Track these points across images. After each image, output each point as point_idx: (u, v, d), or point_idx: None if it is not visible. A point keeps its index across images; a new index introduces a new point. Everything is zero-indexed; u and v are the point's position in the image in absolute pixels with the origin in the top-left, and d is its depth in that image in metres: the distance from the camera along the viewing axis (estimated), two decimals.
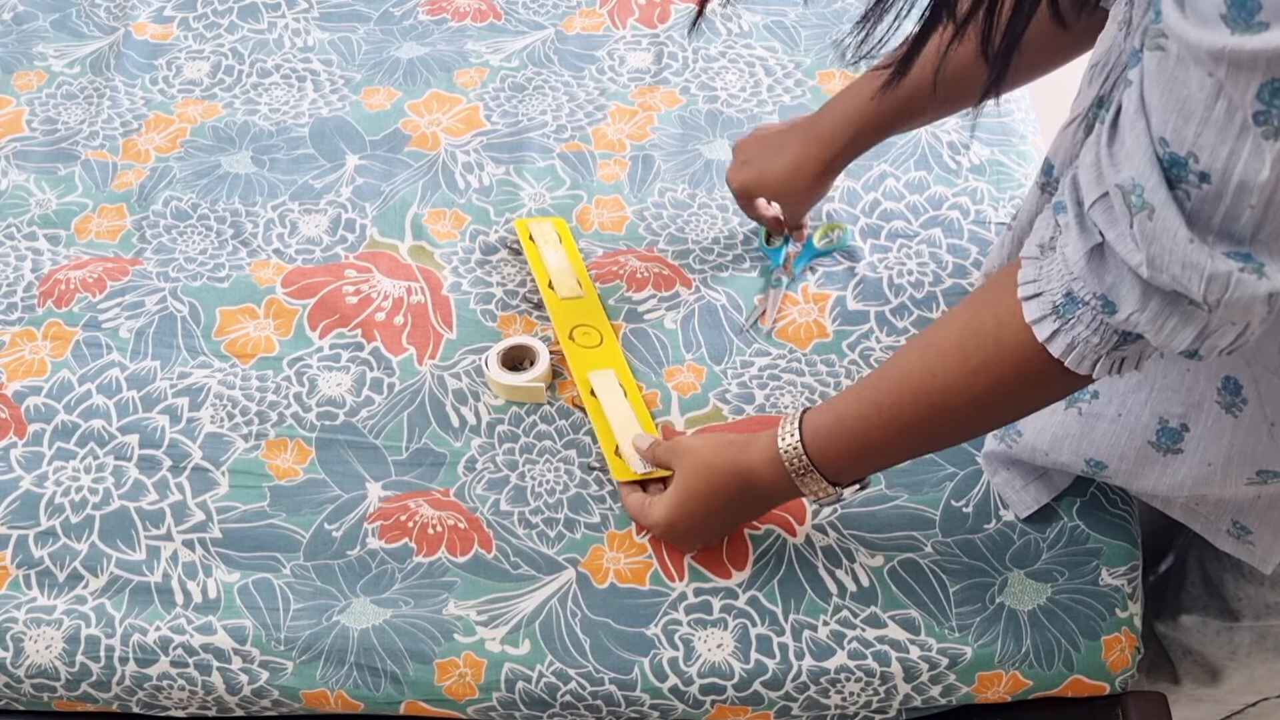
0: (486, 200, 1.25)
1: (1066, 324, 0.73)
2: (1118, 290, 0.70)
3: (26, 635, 0.97)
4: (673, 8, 1.44)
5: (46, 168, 1.29)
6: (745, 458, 0.93)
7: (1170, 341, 0.70)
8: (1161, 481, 0.91)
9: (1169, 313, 0.69)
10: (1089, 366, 0.74)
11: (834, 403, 0.90)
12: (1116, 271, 0.70)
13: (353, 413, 1.09)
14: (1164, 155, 0.64)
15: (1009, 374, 0.78)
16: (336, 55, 1.40)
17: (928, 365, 0.82)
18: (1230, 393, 0.85)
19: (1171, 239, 0.65)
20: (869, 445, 0.88)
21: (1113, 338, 0.73)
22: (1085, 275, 0.71)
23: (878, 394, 0.86)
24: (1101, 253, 0.70)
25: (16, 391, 1.10)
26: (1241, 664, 1.10)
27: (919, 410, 0.83)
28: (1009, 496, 1.01)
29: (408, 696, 0.96)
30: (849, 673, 0.95)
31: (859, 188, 1.24)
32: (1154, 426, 0.89)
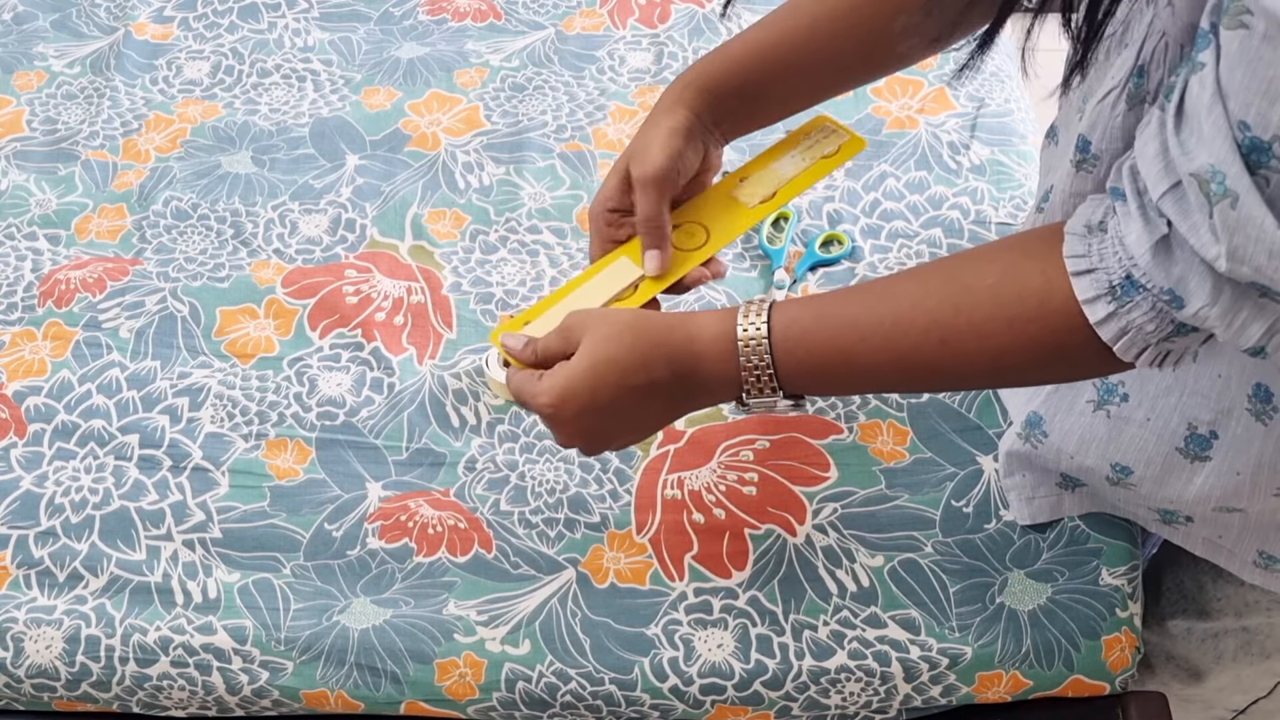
0: (486, 200, 1.25)
1: (1123, 307, 0.69)
2: (1186, 284, 0.66)
3: (26, 635, 0.97)
4: (673, 8, 1.44)
5: (46, 168, 1.29)
6: (686, 326, 0.80)
7: (1239, 337, 0.67)
8: (1188, 491, 0.89)
9: (1240, 306, 0.66)
10: (1135, 354, 0.70)
11: (817, 302, 0.79)
12: (1185, 264, 0.66)
13: (353, 413, 1.09)
14: (1244, 140, 0.61)
15: (1045, 339, 0.72)
16: (336, 55, 1.40)
17: (952, 299, 0.74)
18: (1261, 400, 0.82)
19: (1258, 228, 0.61)
20: (846, 358, 0.77)
21: (1169, 327, 0.69)
22: (1150, 269, 0.67)
23: (880, 305, 0.76)
24: (1168, 245, 0.66)
25: (16, 391, 1.10)
26: (1226, 668, 1.10)
27: (924, 341, 0.75)
28: (1013, 502, 1.01)
29: (408, 696, 0.96)
30: (849, 673, 0.95)
31: (859, 188, 1.24)
32: (1183, 433, 0.87)
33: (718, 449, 1.06)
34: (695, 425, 1.08)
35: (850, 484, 1.04)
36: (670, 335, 0.79)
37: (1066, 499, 1.00)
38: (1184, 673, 1.13)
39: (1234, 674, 1.10)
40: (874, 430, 1.07)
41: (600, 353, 0.79)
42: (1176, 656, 1.12)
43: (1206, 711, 1.17)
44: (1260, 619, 1.04)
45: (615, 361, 0.79)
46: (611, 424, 0.82)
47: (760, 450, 1.06)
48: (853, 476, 1.04)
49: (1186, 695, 1.15)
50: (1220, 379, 0.84)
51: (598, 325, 0.80)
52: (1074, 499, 0.99)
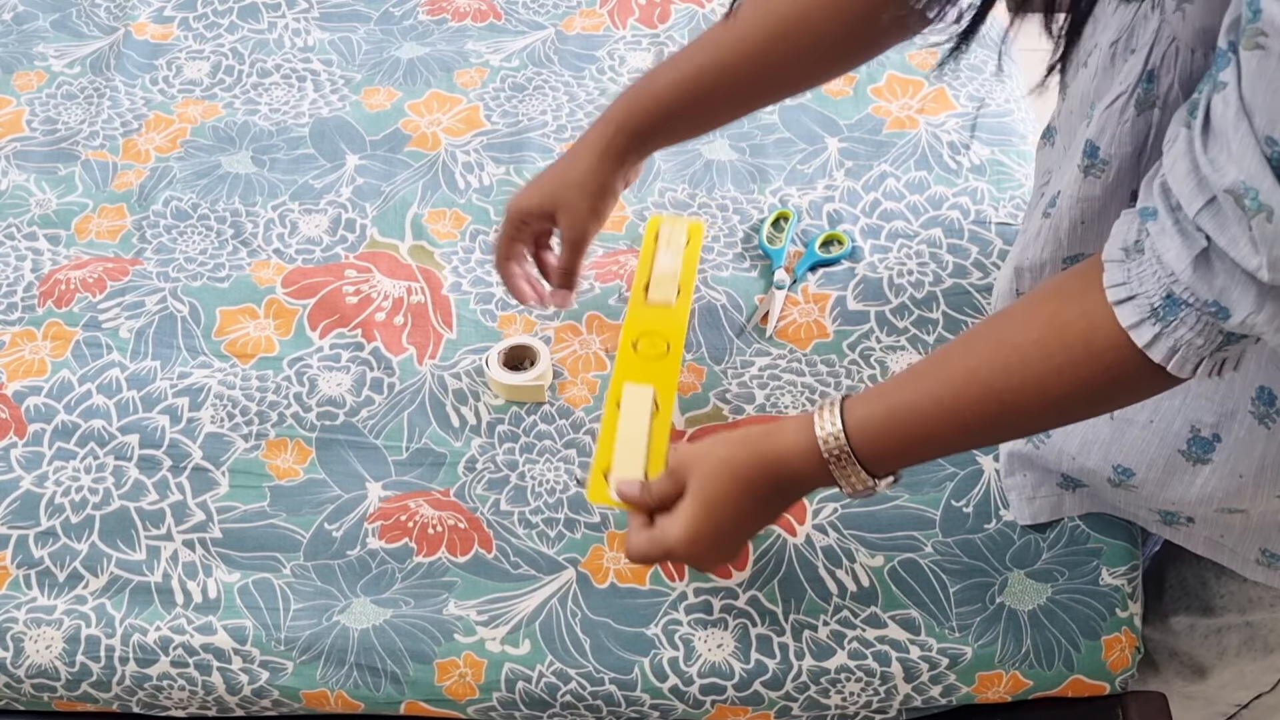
0: (486, 200, 1.25)
1: (1168, 327, 0.70)
2: (1229, 294, 0.67)
3: (27, 635, 0.97)
4: (673, 8, 1.44)
5: (46, 168, 1.29)
6: (772, 446, 0.86)
7: None
8: (1190, 493, 0.89)
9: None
10: (1191, 369, 0.71)
11: (882, 393, 0.84)
12: (1227, 275, 0.67)
13: (353, 413, 1.09)
14: (1273, 155, 0.62)
15: (1099, 376, 0.74)
16: (336, 55, 1.40)
17: (1003, 362, 0.78)
18: (1264, 403, 0.83)
19: None
20: (922, 439, 0.82)
21: (1218, 338, 0.70)
22: (1192, 283, 0.68)
23: (937, 387, 0.81)
24: (1208, 258, 0.67)
25: (16, 391, 1.10)
26: (1230, 663, 1.10)
27: (986, 407, 0.79)
28: (1014, 502, 1.01)
29: (408, 696, 0.96)
30: (849, 673, 0.95)
31: (859, 188, 1.24)
32: (1185, 435, 0.88)
33: None
34: (695, 425, 1.08)
35: None
36: (763, 458, 0.86)
37: (1067, 499, 1.00)
38: (1187, 669, 1.13)
39: (1237, 670, 1.10)
40: None
41: (711, 493, 0.86)
42: (1180, 653, 1.12)
43: (1209, 708, 1.17)
44: (1264, 614, 1.04)
45: (726, 496, 0.86)
46: (737, 538, 0.89)
47: None
48: None
49: (1190, 693, 1.15)
50: (1224, 382, 0.84)
51: (700, 465, 0.87)
52: (1074, 499, 1.00)
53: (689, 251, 1.12)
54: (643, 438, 0.97)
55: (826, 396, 0.86)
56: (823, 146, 1.29)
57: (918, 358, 1.11)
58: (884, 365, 1.11)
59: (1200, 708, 1.18)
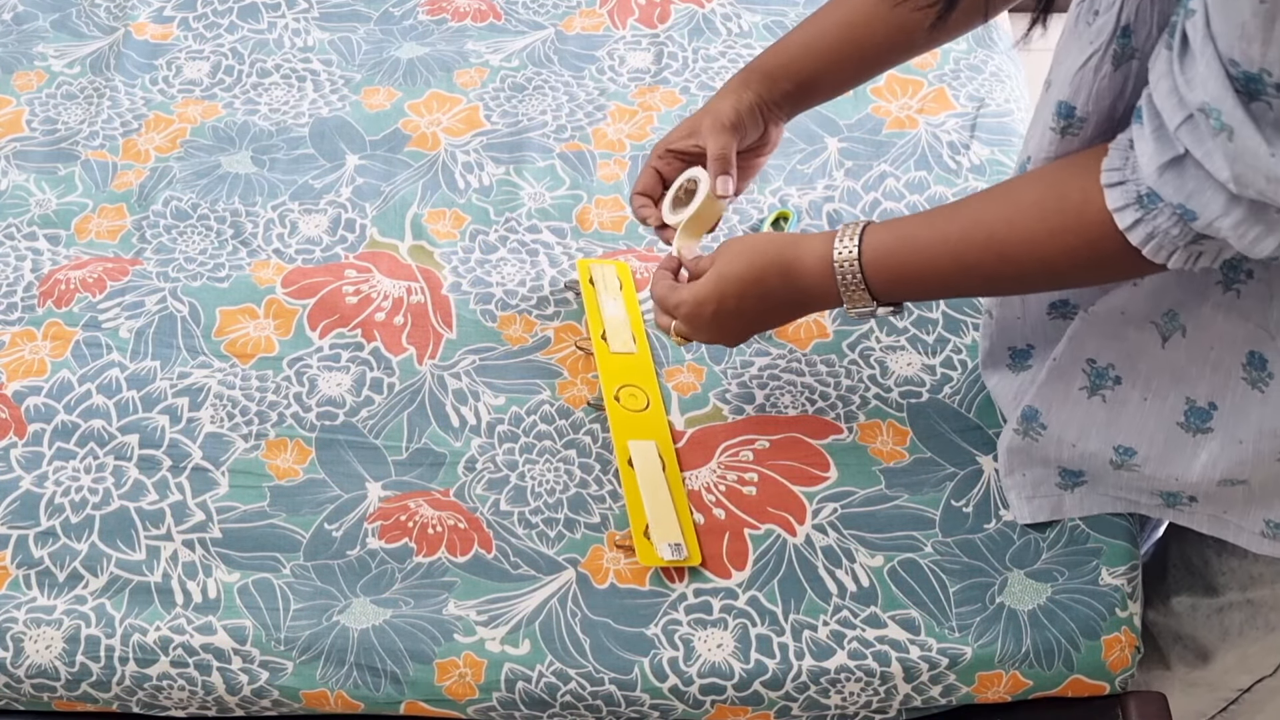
0: (486, 200, 1.25)
1: (1148, 214, 0.76)
2: (1198, 198, 0.73)
3: (26, 635, 0.97)
4: (673, 8, 1.44)
5: (46, 168, 1.29)
6: (793, 250, 0.94)
7: (1254, 248, 0.73)
8: (1193, 467, 0.91)
9: (1254, 220, 0.72)
10: (1165, 257, 0.77)
11: (898, 225, 0.91)
12: (1197, 182, 0.72)
13: (353, 413, 1.09)
14: (1237, 74, 0.67)
15: (1084, 248, 0.81)
16: (336, 55, 1.40)
17: (1006, 214, 0.85)
18: (1256, 368, 0.86)
19: (1253, 156, 0.68)
20: (925, 273, 0.90)
21: (1191, 233, 0.75)
22: (1159, 186, 0.74)
23: (949, 227, 0.88)
24: (1181, 164, 0.73)
25: (16, 391, 1.10)
26: (1233, 645, 1.10)
27: (986, 254, 0.86)
28: (1013, 501, 1.01)
29: (408, 696, 0.96)
30: (849, 673, 0.95)
31: (859, 188, 1.24)
32: (1181, 407, 0.90)
33: (718, 449, 1.06)
34: (695, 425, 1.08)
35: (850, 484, 1.04)
36: (781, 255, 0.95)
37: (1067, 499, 1.00)
38: (1191, 654, 1.13)
39: (1240, 652, 1.10)
40: (874, 430, 1.07)
41: (727, 269, 0.96)
42: (1184, 636, 1.12)
43: (1212, 694, 1.17)
44: (1265, 591, 1.05)
45: (740, 276, 0.95)
46: (738, 323, 0.98)
47: (760, 450, 1.06)
48: (852, 476, 1.04)
49: (1193, 679, 1.15)
50: (1213, 351, 0.87)
51: (729, 246, 0.98)
52: (1074, 499, 1.00)
53: (626, 294, 1.16)
54: (664, 490, 1.02)
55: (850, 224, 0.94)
56: (822, 146, 1.29)
57: (918, 358, 1.11)
58: (884, 365, 1.11)
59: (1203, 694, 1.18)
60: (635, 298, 1.16)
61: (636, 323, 1.14)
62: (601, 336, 1.12)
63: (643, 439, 1.05)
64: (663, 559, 0.98)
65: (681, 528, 1.00)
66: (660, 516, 1.00)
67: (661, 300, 1.00)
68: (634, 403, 1.08)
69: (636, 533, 1.00)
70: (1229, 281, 0.85)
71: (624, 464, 1.04)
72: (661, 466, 1.04)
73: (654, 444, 1.05)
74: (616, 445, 1.05)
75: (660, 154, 1.09)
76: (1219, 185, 0.71)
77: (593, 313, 1.14)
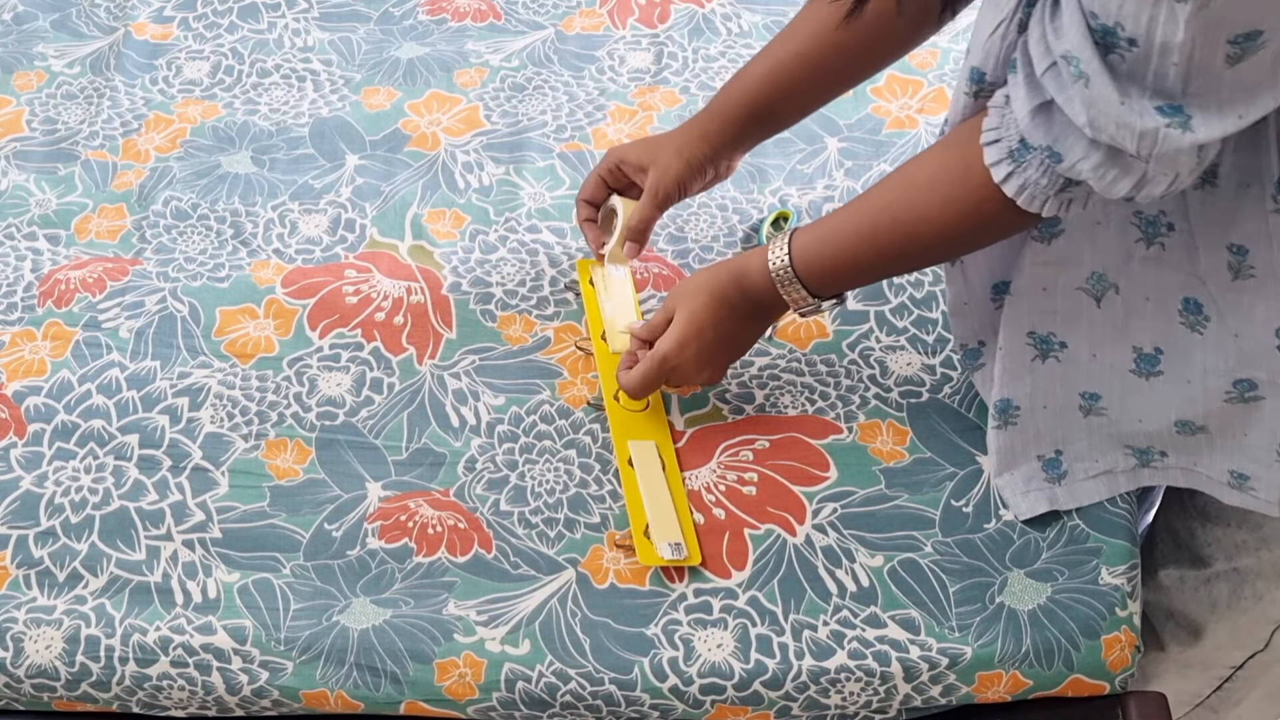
0: (486, 200, 1.25)
1: (1020, 167, 0.82)
2: (1063, 141, 0.79)
3: (26, 635, 0.97)
4: (673, 8, 1.44)
5: (46, 168, 1.29)
6: (741, 267, 1.02)
7: (1111, 189, 0.79)
8: (1154, 408, 0.97)
9: (1111, 163, 0.78)
10: (1039, 205, 0.83)
11: (820, 224, 1.00)
12: (1062, 126, 0.79)
13: (353, 413, 1.09)
14: (1096, 26, 0.73)
15: (971, 210, 0.87)
16: (336, 55, 1.40)
17: (905, 197, 0.93)
18: (1192, 312, 0.92)
19: (1106, 103, 0.74)
20: (850, 263, 0.98)
21: (1059, 181, 0.82)
22: (1030, 129, 0.80)
23: (860, 218, 0.96)
24: (1049, 110, 0.79)
25: (16, 391, 1.10)
26: (1222, 617, 1.12)
27: (894, 236, 0.94)
28: (1008, 498, 1.01)
29: (408, 696, 0.96)
30: (849, 673, 0.95)
31: (859, 188, 1.24)
32: (1130, 356, 0.96)
33: (717, 449, 1.06)
34: (695, 425, 1.08)
35: (850, 484, 1.04)
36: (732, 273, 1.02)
37: (1059, 492, 1.01)
38: (1183, 631, 1.14)
39: (1230, 624, 1.12)
40: (873, 430, 1.07)
41: (693, 307, 1.03)
42: (1175, 613, 1.14)
43: (1206, 673, 1.18)
44: (1250, 559, 1.07)
45: (706, 308, 1.02)
46: (721, 349, 1.05)
47: (760, 450, 1.06)
48: (852, 476, 1.04)
49: (1187, 660, 1.17)
50: (1149, 302, 0.93)
51: (683, 290, 1.04)
52: (1065, 491, 1.01)
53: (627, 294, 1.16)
54: (664, 490, 1.02)
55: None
56: (822, 146, 1.29)
57: (917, 358, 1.11)
58: (883, 365, 1.11)
59: (1197, 675, 1.19)
60: (636, 297, 1.16)
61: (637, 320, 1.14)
62: (601, 336, 1.12)
63: (642, 439, 1.05)
64: (663, 558, 0.98)
65: (681, 527, 1.00)
66: (660, 516, 1.00)
67: (645, 374, 1.04)
68: (633, 403, 1.08)
69: (636, 532, 1.00)
70: (1150, 238, 0.90)
71: (624, 464, 1.04)
72: (661, 466, 1.04)
73: (653, 444, 1.05)
74: (616, 445, 1.05)
75: (611, 166, 1.15)
76: (1079, 130, 0.77)
77: (592, 313, 1.14)
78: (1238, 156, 0.84)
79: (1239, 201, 0.85)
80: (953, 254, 0.98)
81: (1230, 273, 0.88)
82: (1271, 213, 0.84)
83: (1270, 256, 0.86)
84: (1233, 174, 0.85)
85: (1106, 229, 0.92)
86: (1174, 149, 0.74)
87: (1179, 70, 0.71)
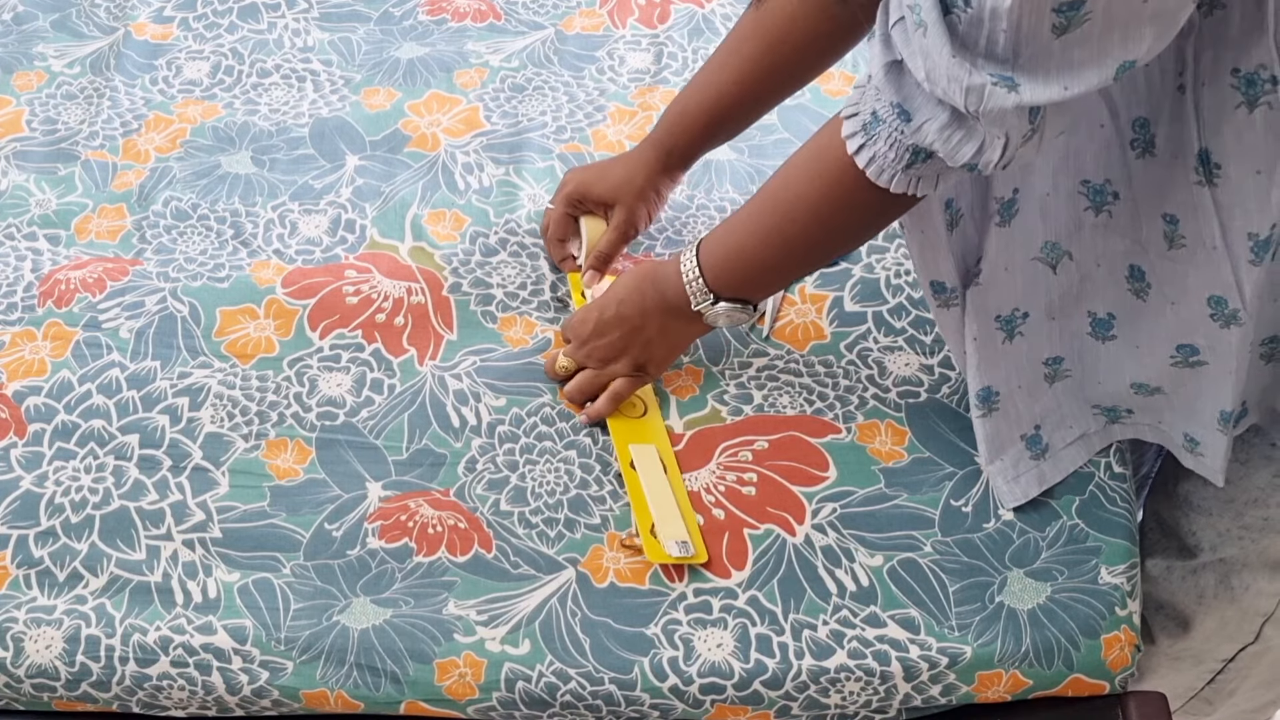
0: (486, 201, 1.25)
1: (870, 139, 0.84)
2: (913, 101, 0.80)
3: (26, 635, 0.97)
4: (673, 8, 1.44)
5: (46, 168, 1.29)
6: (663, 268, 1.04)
7: (956, 153, 0.80)
8: (1111, 370, 1.00)
9: (956, 125, 0.79)
10: (887, 180, 0.85)
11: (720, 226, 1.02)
12: (911, 84, 0.79)
13: (353, 413, 1.09)
14: None
15: (832, 186, 0.89)
16: (336, 55, 1.40)
17: (784, 178, 0.96)
18: (1136, 279, 0.94)
19: (939, 54, 0.74)
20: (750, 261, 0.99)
21: (905, 155, 0.83)
22: (883, 85, 0.81)
23: (752, 211, 0.98)
24: (900, 69, 0.80)
25: (16, 391, 1.10)
26: (1210, 608, 1.13)
27: (778, 222, 0.95)
28: (1000, 488, 1.02)
29: (408, 696, 0.96)
30: (849, 672, 0.95)
31: None
32: (1086, 321, 0.99)
33: (717, 449, 1.06)
34: (695, 426, 1.08)
35: (849, 484, 1.04)
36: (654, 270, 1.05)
37: (1045, 469, 1.02)
38: (1172, 623, 1.15)
39: (1219, 616, 1.13)
40: (872, 430, 1.07)
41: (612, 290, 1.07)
42: (1164, 604, 1.14)
43: (1198, 666, 1.19)
44: (1234, 549, 1.08)
45: (616, 288, 1.06)
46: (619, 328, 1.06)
47: (759, 450, 1.06)
48: (852, 476, 1.04)
49: (1177, 652, 1.17)
50: (1099, 269, 0.95)
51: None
52: (1051, 465, 1.03)
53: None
54: (668, 490, 1.02)
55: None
56: None
57: (916, 358, 1.12)
58: (881, 365, 1.11)
59: (1189, 668, 1.19)
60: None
61: None
62: None
63: (642, 443, 1.05)
64: (671, 555, 0.98)
65: (687, 527, 1.00)
66: (666, 516, 1.00)
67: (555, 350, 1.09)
68: (631, 410, 1.08)
69: (643, 531, 1.00)
70: (1098, 206, 0.92)
71: (626, 467, 1.04)
72: (663, 469, 1.04)
73: (654, 447, 1.05)
74: (618, 450, 1.05)
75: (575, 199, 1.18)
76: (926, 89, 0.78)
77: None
78: (1170, 128, 0.85)
79: (1170, 172, 0.87)
80: (830, 241, 0.98)
81: (1165, 241, 0.90)
82: (1194, 184, 0.86)
83: (1198, 227, 0.88)
84: (1166, 144, 0.86)
85: (1056, 199, 0.93)
86: (999, 107, 0.75)
87: (1008, 37, 0.72)
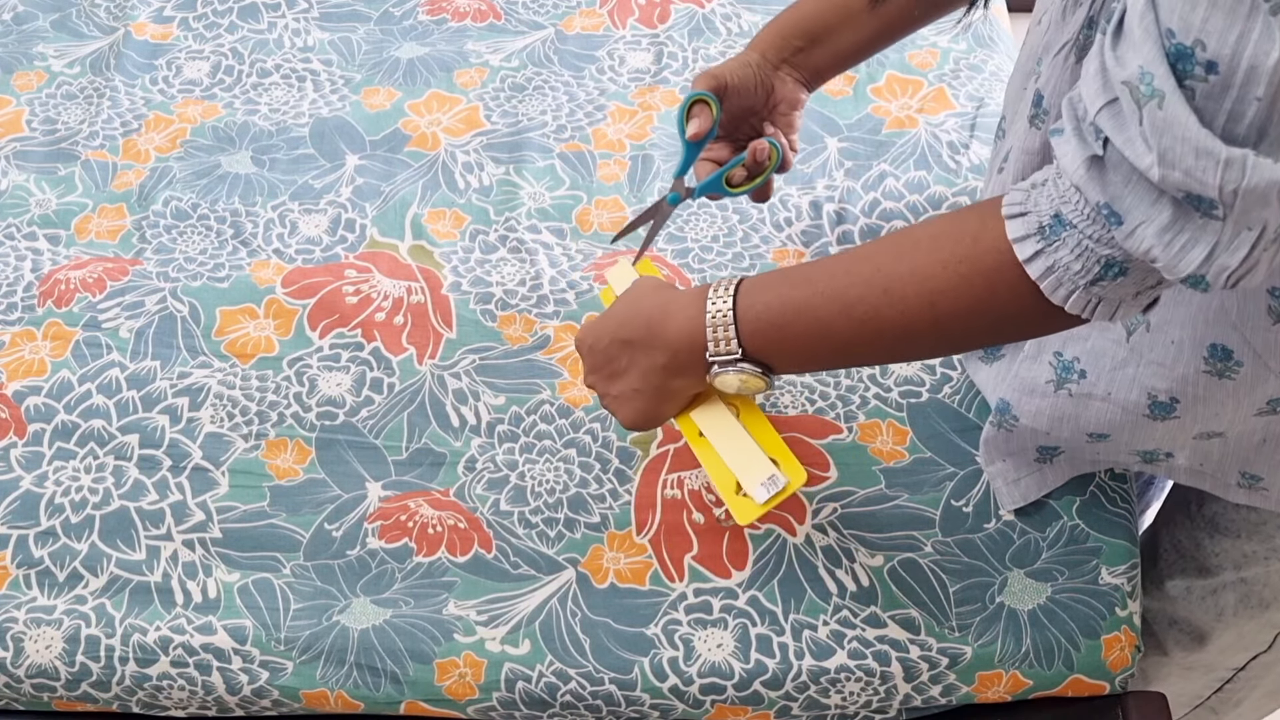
0: (486, 200, 1.25)
1: (1050, 245, 0.70)
2: (1122, 200, 0.66)
3: (26, 635, 0.97)
4: (673, 8, 1.44)
5: (46, 168, 1.29)
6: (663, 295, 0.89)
7: (1180, 260, 0.65)
8: (1167, 436, 0.92)
9: (1180, 225, 0.65)
10: (1064, 296, 0.71)
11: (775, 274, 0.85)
12: (1122, 179, 0.66)
13: (353, 412, 1.09)
14: (1170, 48, 0.62)
15: (978, 280, 0.74)
16: (336, 55, 1.40)
17: (896, 246, 0.79)
18: (1220, 359, 0.84)
19: (1183, 127, 0.62)
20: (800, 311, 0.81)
21: (1095, 267, 0.70)
22: (1085, 184, 0.68)
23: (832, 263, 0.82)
24: (1102, 163, 0.67)
25: (16, 391, 1.10)
26: (1229, 624, 1.12)
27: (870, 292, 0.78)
28: (1000, 489, 1.01)
29: (408, 696, 0.96)
30: (849, 672, 0.95)
31: (859, 188, 1.24)
32: (1144, 402, 0.89)
33: None
34: None
35: (850, 484, 1.04)
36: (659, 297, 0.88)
37: (1048, 472, 1.01)
38: (1187, 637, 1.14)
39: (1236, 631, 1.12)
40: (873, 430, 1.07)
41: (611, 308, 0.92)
42: (1179, 620, 1.13)
43: (1208, 675, 1.18)
44: (1258, 569, 1.06)
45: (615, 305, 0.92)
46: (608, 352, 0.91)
47: None
48: (852, 476, 1.04)
49: (1189, 663, 1.16)
50: (1174, 345, 0.85)
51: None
52: (1054, 470, 1.01)
53: None
54: (741, 434, 0.92)
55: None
56: (822, 146, 1.29)
57: None
58: (882, 365, 1.11)
59: (1199, 676, 1.19)
60: None
61: None
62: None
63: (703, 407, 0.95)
64: (761, 505, 0.89)
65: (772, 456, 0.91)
66: (745, 464, 0.91)
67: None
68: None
69: (728, 495, 0.92)
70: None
71: (694, 438, 0.95)
72: (735, 413, 0.94)
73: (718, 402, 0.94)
74: (680, 425, 0.95)
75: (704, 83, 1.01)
76: (1143, 182, 0.65)
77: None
78: None
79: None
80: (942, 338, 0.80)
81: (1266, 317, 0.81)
82: None
83: None
84: None
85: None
86: (1265, 182, 0.61)
87: (1260, 109, 0.60)
